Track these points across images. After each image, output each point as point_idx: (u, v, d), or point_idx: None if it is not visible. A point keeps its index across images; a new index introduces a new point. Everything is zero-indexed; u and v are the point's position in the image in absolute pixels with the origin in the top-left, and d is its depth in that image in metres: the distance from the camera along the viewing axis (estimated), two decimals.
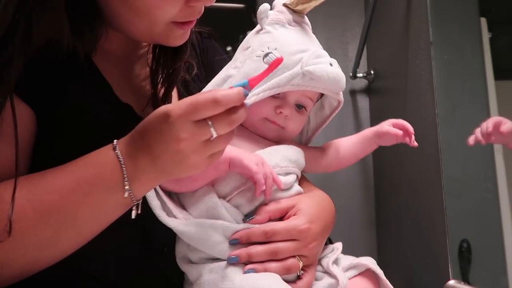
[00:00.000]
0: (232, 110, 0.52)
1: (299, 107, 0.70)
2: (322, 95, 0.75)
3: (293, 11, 0.71)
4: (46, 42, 0.56)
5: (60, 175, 0.55)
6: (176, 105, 0.53)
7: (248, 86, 0.54)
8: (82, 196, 0.54)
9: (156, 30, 0.61)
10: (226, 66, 0.72)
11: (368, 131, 0.77)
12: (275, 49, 0.66)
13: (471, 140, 0.93)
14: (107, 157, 0.55)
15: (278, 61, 0.55)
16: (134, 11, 0.58)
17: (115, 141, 0.56)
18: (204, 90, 0.71)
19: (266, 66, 0.56)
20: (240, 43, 0.74)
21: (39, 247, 0.54)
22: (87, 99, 0.64)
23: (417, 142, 0.75)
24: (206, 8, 0.63)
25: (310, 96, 0.70)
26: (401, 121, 0.75)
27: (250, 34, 0.72)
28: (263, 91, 0.65)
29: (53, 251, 0.56)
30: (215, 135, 0.52)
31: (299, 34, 0.71)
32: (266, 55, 0.65)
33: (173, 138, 0.52)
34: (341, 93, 0.73)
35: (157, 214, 0.62)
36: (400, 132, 0.73)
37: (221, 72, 0.71)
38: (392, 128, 0.74)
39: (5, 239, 0.50)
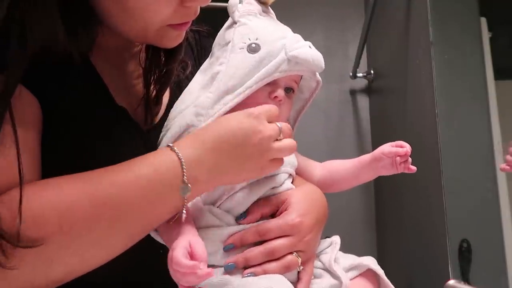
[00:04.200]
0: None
1: (288, 90, 0.71)
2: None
3: (259, 2, 0.73)
4: (42, 46, 0.55)
5: (118, 171, 0.55)
6: (253, 108, 0.60)
7: None
8: (139, 192, 0.54)
9: (150, 31, 0.60)
10: (206, 66, 0.71)
11: (366, 156, 0.75)
12: (256, 39, 0.67)
13: (503, 166, 0.98)
14: (167, 157, 0.56)
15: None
16: (127, 12, 0.57)
17: (170, 144, 0.57)
18: (192, 90, 0.70)
19: (251, 55, 0.65)
20: None
21: (90, 244, 0.53)
22: (84, 101, 0.63)
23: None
24: (201, 8, 0.62)
25: (295, 79, 0.72)
26: (400, 142, 0.73)
27: (224, 30, 0.72)
28: (255, 82, 0.66)
29: (101, 251, 0.55)
30: (281, 136, 0.60)
31: (272, 22, 0.73)
32: (249, 45, 0.66)
33: (254, 130, 0.58)
34: (317, 73, 0.74)
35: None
36: (399, 150, 0.71)
37: (203, 73, 0.70)
38: (390, 147, 0.72)
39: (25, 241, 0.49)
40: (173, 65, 0.70)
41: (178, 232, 0.57)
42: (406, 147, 0.72)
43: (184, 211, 0.57)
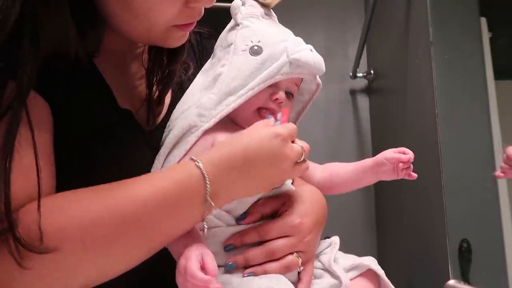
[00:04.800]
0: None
1: (288, 94, 0.71)
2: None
3: (262, 5, 0.73)
4: (54, 47, 0.55)
5: (140, 185, 0.55)
6: (281, 128, 0.61)
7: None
8: (160, 209, 0.54)
9: (155, 32, 0.60)
10: (208, 67, 0.72)
11: (368, 160, 0.75)
12: (259, 41, 0.68)
13: (498, 174, 0.99)
14: (191, 172, 0.55)
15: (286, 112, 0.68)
16: (132, 12, 0.57)
17: (193, 157, 0.57)
18: (194, 91, 0.70)
19: (253, 58, 0.66)
20: None
21: (110, 257, 0.53)
22: (90, 105, 0.63)
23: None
24: (204, 8, 0.63)
25: (296, 82, 0.72)
26: (402, 148, 0.73)
27: (226, 32, 0.72)
28: (257, 84, 0.66)
29: (120, 263, 0.54)
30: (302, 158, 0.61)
31: (274, 25, 0.73)
32: (251, 48, 0.67)
33: (281, 154, 0.59)
34: (317, 76, 0.74)
35: None
36: (402, 156, 0.71)
37: (206, 73, 0.71)
38: (393, 153, 0.72)
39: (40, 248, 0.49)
40: (175, 66, 0.70)
41: (187, 241, 0.57)
42: (409, 154, 0.72)
43: (205, 226, 0.57)
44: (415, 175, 0.73)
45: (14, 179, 0.50)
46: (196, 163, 0.55)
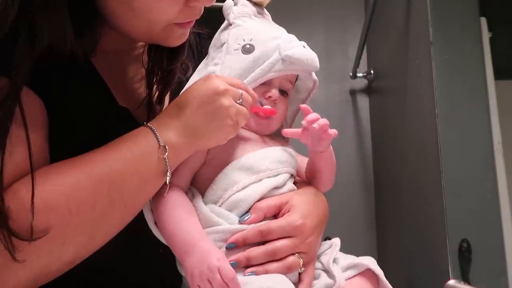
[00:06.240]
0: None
1: (283, 92, 0.71)
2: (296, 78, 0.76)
3: (254, 4, 0.74)
4: (49, 45, 0.55)
5: (106, 149, 0.58)
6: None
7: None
8: (126, 164, 0.57)
9: (155, 30, 0.61)
10: (202, 66, 0.72)
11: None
12: (251, 40, 0.68)
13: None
14: (140, 129, 0.60)
15: (273, 112, 0.69)
16: (134, 12, 0.58)
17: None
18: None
19: (246, 56, 0.67)
20: None
21: (95, 220, 0.55)
22: (87, 103, 0.64)
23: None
24: (204, 8, 0.63)
25: (290, 79, 0.72)
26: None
27: (219, 32, 0.73)
28: (249, 83, 0.67)
29: (104, 227, 0.57)
30: (240, 100, 0.62)
31: (266, 23, 0.74)
32: (243, 46, 0.68)
33: (212, 88, 0.61)
34: (314, 73, 0.74)
35: (150, 227, 0.64)
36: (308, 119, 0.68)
37: (199, 73, 0.71)
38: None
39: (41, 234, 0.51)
40: (176, 65, 0.71)
41: (196, 234, 0.59)
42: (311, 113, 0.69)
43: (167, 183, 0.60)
44: (333, 131, 0.71)
45: (6, 176, 0.51)
46: (144, 123, 0.60)
